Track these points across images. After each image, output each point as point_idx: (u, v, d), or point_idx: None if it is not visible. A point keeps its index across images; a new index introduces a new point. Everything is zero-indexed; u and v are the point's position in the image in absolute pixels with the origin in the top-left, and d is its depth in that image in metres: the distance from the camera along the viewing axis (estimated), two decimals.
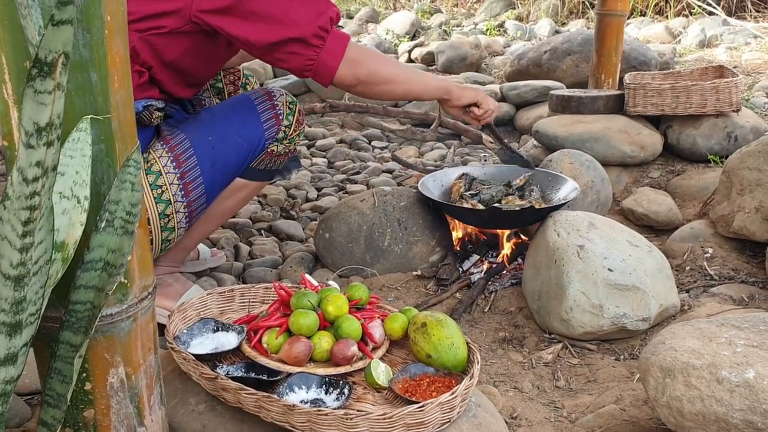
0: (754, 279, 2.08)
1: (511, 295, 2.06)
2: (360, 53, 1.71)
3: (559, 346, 1.82)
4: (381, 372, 1.30)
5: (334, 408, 1.20)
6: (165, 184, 1.64)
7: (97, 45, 0.89)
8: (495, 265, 2.16)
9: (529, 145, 3.28)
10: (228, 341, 1.40)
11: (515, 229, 2.24)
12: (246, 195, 1.85)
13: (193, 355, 1.30)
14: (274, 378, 1.28)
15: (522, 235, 2.24)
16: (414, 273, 2.17)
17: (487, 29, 6.58)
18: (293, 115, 1.79)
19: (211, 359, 1.36)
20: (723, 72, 3.10)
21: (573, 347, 1.81)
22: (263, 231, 2.56)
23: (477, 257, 2.19)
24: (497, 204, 2.16)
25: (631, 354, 1.79)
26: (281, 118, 1.77)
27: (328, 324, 1.42)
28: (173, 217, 1.66)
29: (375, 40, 5.88)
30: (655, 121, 3.02)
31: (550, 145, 2.90)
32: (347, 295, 1.50)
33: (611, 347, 1.83)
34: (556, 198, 2.21)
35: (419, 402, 1.18)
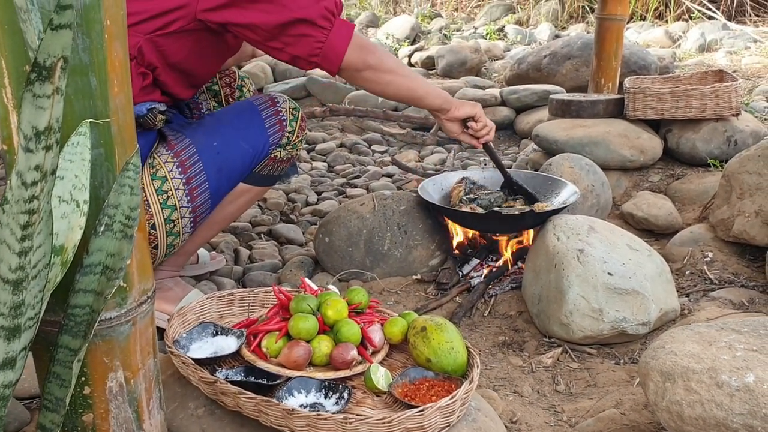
0: (754, 283, 2.07)
1: (511, 299, 2.06)
2: (366, 41, 1.73)
3: (559, 350, 1.81)
4: (380, 376, 1.30)
5: (333, 412, 1.20)
6: (171, 189, 1.64)
7: (97, 49, 0.90)
8: (495, 269, 2.16)
9: (529, 150, 3.28)
10: (227, 345, 1.40)
11: (515, 233, 2.24)
12: (248, 200, 1.85)
13: (193, 359, 1.30)
14: (273, 382, 1.28)
15: (522, 239, 2.24)
16: (414, 277, 2.17)
17: (487, 33, 6.59)
18: (296, 121, 1.80)
19: (211, 363, 1.35)
20: (723, 76, 3.10)
21: (573, 351, 1.81)
22: (263, 235, 2.56)
23: (477, 261, 2.19)
24: (497, 208, 2.16)
25: (631, 358, 1.78)
26: (285, 123, 1.77)
27: (327, 328, 1.42)
28: (178, 223, 1.66)
29: None
30: (655, 126, 3.02)
31: (549, 150, 2.91)
32: (347, 299, 1.50)
33: (611, 351, 1.82)
34: (556, 202, 2.21)
35: (419, 406, 1.18)
